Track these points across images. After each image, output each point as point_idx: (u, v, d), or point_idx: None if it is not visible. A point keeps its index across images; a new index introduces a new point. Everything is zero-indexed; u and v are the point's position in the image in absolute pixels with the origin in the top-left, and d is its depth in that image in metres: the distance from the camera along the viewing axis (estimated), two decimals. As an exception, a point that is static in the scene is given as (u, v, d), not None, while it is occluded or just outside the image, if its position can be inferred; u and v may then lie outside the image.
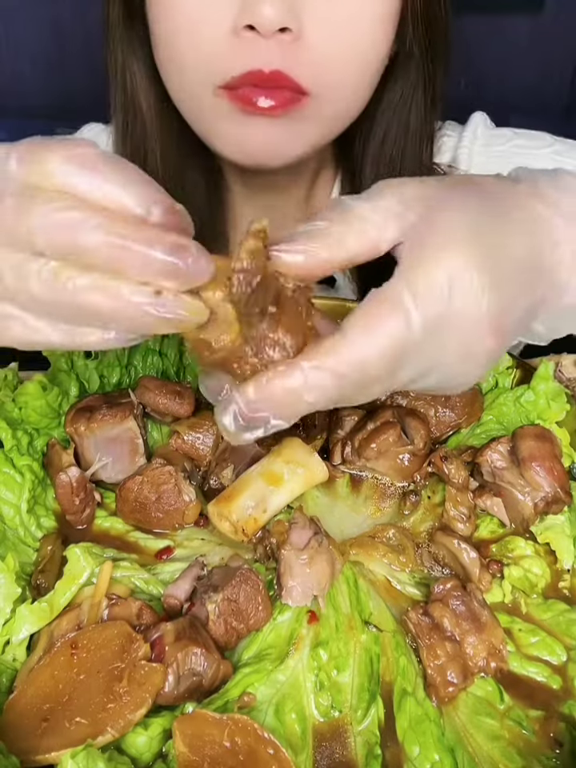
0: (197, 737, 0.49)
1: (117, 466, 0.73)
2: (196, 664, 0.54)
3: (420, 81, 0.90)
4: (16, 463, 0.68)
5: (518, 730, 0.56)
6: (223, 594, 0.58)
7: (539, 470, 0.67)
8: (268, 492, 0.67)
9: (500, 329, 0.51)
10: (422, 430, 0.72)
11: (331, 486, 0.73)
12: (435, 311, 0.48)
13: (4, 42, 1.63)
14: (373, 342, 0.47)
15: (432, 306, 0.48)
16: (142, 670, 0.53)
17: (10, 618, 0.58)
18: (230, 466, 0.72)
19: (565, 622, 0.62)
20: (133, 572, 0.63)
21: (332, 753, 0.54)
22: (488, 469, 0.70)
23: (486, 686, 0.58)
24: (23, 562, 0.64)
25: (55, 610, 0.59)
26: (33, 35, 1.62)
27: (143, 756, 0.51)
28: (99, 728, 0.50)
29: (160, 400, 0.74)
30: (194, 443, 0.74)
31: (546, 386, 0.76)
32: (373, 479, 0.74)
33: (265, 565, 0.65)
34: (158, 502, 0.68)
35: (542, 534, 0.68)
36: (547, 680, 0.59)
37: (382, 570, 0.66)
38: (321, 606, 0.60)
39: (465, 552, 0.63)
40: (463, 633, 0.58)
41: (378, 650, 0.58)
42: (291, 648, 0.58)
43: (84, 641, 0.54)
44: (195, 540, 0.68)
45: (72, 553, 0.62)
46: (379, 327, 0.47)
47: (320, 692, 0.56)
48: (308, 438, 0.75)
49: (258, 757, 0.49)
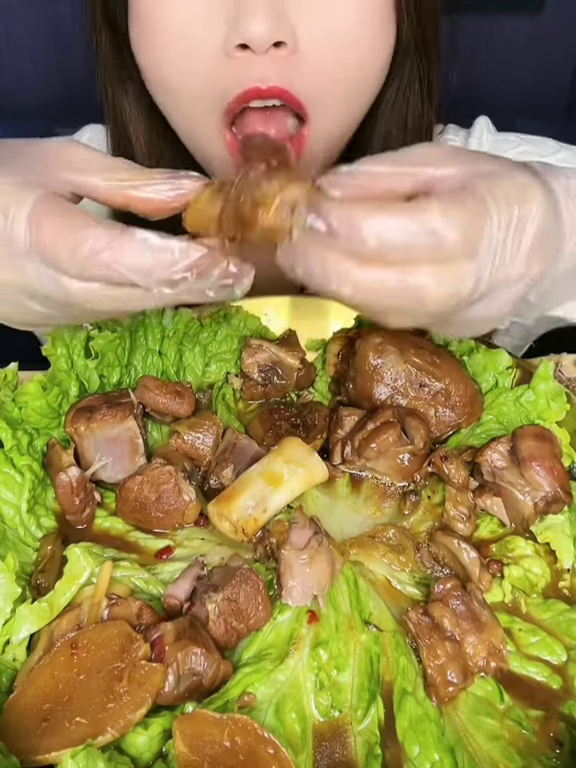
0: (197, 737, 0.49)
1: (117, 465, 0.73)
2: (196, 664, 0.54)
3: (416, 74, 0.89)
4: (16, 463, 0.68)
5: (518, 729, 0.56)
6: (223, 594, 0.58)
7: (539, 469, 0.67)
8: (268, 492, 0.67)
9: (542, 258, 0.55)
10: (422, 430, 0.72)
11: (331, 486, 0.73)
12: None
13: (4, 42, 1.63)
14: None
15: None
16: (141, 669, 0.53)
17: (10, 617, 0.59)
18: (230, 466, 0.72)
19: (565, 622, 0.62)
20: (133, 572, 0.63)
21: (332, 752, 0.54)
22: (488, 469, 0.70)
23: (486, 686, 0.58)
24: (23, 561, 0.65)
25: (55, 610, 0.59)
26: (33, 35, 1.62)
27: (143, 756, 0.51)
28: (99, 728, 0.50)
29: (160, 400, 0.74)
30: (193, 443, 0.74)
31: (546, 385, 0.76)
32: (373, 479, 0.74)
33: (265, 565, 0.65)
34: (157, 502, 0.68)
35: (542, 534, 0.68)
36: (547, 680, 0.59)
37: (382, 569, 0.66)
38: (321, 606, 0.60)
39: (465, 552, 0.63)
40: (463, 633, 0.58)
41: (377, 650, 0.58)
42: (291, 648, 0.58)
43: (84, 641, 0.54)
44: (195, 540, 0.68)
45: (72, 553, 0.62)
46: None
47: (320, 692, 0.56)
48: (308, 438, 0.75)
49: (257, 756, 0.49)
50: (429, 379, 0.76)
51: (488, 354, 0.80)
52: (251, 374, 0.83)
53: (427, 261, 0.50)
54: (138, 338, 0.81)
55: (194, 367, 0.85)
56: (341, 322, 0.87)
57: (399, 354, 0.76)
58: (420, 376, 0.76)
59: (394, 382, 0.76)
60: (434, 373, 0.76)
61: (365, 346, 0.77)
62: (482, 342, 0.82)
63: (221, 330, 0.86)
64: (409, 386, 0.76)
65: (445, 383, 0.76)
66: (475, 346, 0.81)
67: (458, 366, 0.78)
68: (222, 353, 0.86)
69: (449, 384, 0.76)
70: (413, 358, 0.76)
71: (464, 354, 0.81)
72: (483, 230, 0.51)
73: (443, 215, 0.50)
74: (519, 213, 0.53)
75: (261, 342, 0.84)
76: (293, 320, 0.89)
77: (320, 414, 0.79)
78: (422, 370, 0.76)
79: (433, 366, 0.76)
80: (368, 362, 0.77)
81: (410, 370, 0.76)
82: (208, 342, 0.85)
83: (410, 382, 0.76)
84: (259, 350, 0.83)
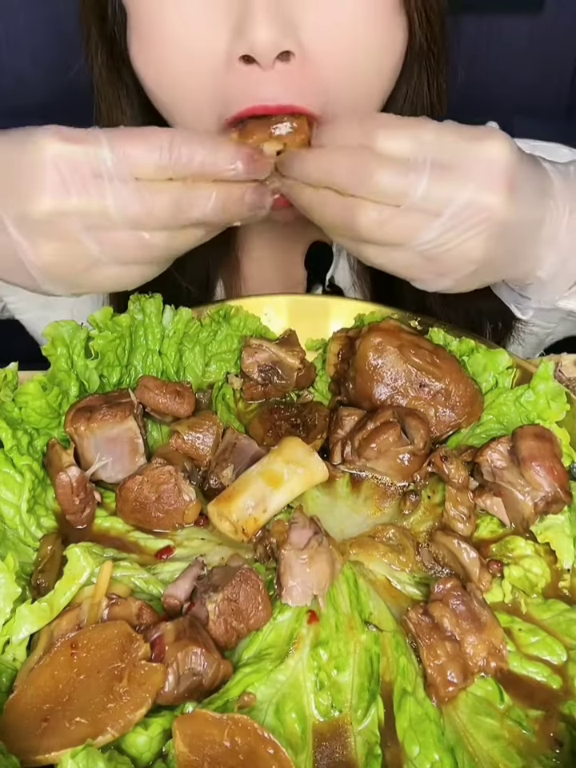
0: (197, 736, 0.49)
1: (117, 465, 0.73)
2: (196, 664, 0.54)
3: (425, 78, 0.87)
4: (16, 463, 0.68)
5: (518, 729, 0.56)
6: (223, 594, 0.58)
7: (539, 469, 0.67)
8: (268, 492, 0.67)
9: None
10: (422, 430, 0.72)
11: (331, 486, 0.74)
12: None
13: (4, 42, 1.63)
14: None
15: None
16: (141, 669, 0.53)
17: (10, 617, 0.59)
18: (230, 466, 0.72)
19: (565, 622, 0.62)
20: (133, 572, 0.63)
21: (332, 752, 0.54)
22: (488, 469, 0.70)
23: (486, 686, 0.58)
24: (23, 561, 0.65)
25: (55, 609, 0.59)
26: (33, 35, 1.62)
27: (143, 756, 0.51)
28: (99, 728, 0.50)
29: (160, 400, 0.74)
30: (193, 443, 0.74)
31: (546, 385, 0.76)
32: (373, 479, 0.74)
33: (265, 565, 0.65)
34: (157, 502, 0.68)
35: (542, 534, 0.68)
36: (547, 680, 0.59)
37: (382, 569, 0.66)
38: (321, 606, 0.60)
39: (465, 552, 0.63)
40: (463, 633, 0.58)
41: (377, 650, 0.58)
42: (291, 648, 0.58)
43: (84, 641, 0.54)
44: (195, 540, 0.68)
45: (72, 553, 0.62)
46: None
47: (320, 692, 0.56)
48: (308, 438, 0.75)
49: (257, 756, 0.49)
50: (429, 379, 0.76)
51: (488, 354, 0.80)
52: (251, 374, 0.83)
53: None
54: (138, 338, 0.81)
55: (194, 367, 0.85)
56: (341, 322, 0.87)
57: (399, 353, 0.76)
58: (420, 376, 0.76)
59: (394, 382, 0.76)
60: (433, 373, 0.76)
61: (365, 345, 0.77)
62: (482, 342, 0.82)
63: (221, 330, 0.86)
64: (409, 386, 0.76)
65: (445, 383, 0.76)
66: (475, 345, 0.81)
67: (457, 365, 0.78)
68: (222, 353, 0.86)
69: (449, 384, 0.76)
70: (413, 358, 0.76)
71: (464, 354, 0.81)
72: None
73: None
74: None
75: (261, 341, 0.84)
76: (293, 320, 0.89)
77: (320, 414, 0.79)
78: (421, 370, 0.76)
79: (433, 365, 0.76)
80: (368, 362, 0.77)
81: (410, 369, 0.76)
82: (208, 341, 0.85)
83: (410, 382, 0.76)
84: (259, 349, 0.83)
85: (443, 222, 0.62)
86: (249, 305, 0.88)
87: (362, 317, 0.86)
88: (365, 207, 0.61)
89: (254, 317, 0.88)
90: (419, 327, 0.84)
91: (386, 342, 0.77)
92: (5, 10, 1.59)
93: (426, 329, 0.83)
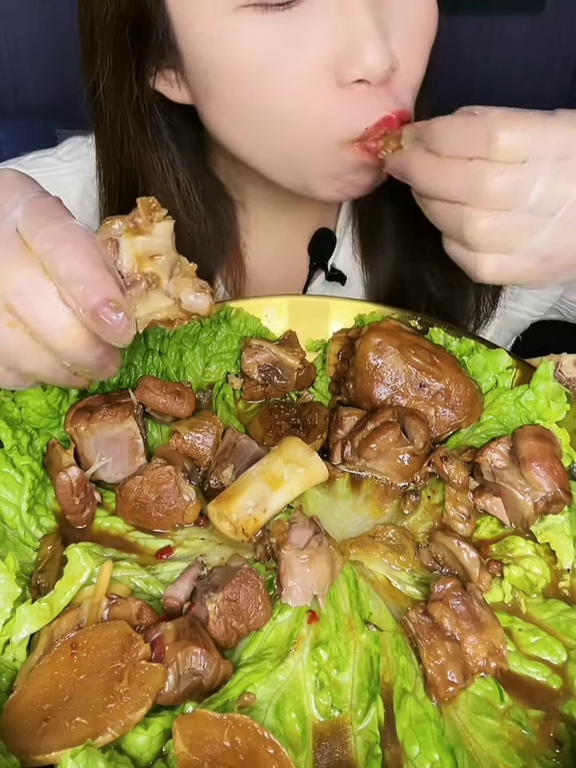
0: (197, 736, 0.49)
1: (117, 465, 0.73)
2: (196, 664, 0.54)
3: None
4: (16, 463, 0.68)
5: (518, 729, 0.56)
6: (223, 594, 0.58)
7: (539, 469, 0.67)
8: (268, 492, 0.67)
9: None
10: (422, 430, 0.72)
11: (331, 486, 0.74)
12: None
13: (4, 42, 1.63)
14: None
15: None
16: (142, 669, 0.53)
17: (10, 617, 0.58)
18: (230, 466, 0.72)
19: (565, 622, 0.62)
20: (133, 572, 0.63)
21: (332, 752, 0.54)
22: (488, 469, 0.70)
23: (486, 686, 0.58)
24: (23, 561, 0.65)
25: (55, 609, 0.59)
26: (33, 35, 1.62)
27: (143, 756, 0.51)
28: (99, 728, 0.50)
29: (160, 400, 0.74)
30: (193, 443, 0.74)
31: (546, 385, 0.76)
32: (373, 479, 0.74)
33: (265, 565, 0.65)
34: (158, 502, 0.68)
35: (542, 534, 0.68)
36: (547, 680, 0.59)
37: (381, 569, 0.66)
38: (321, 606, 0.60)
39: (465, 552, 0.63)
40: (463, 633, 0.58)
41: (377, 650, 0.58)
42: (291, 648, 0.58)
43: (84, 641, 0.54)
44: (195, 540, 0.68)
45: (72, 553, 0.62)
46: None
47: (320, 692, 0.56)
48: (308, 438, 0.75)
49: (257, 756, 0.49)
50: (429, 379, 0.76)
51: (488, 354, 0.80)
52: (251, 374, 0.83)
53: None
54: (137, 338, 0.81)
55: (194, 367, 0.85)
56: (341, 322, 0.87)
57: (399, 353, 0.76)
58: (420, 376, 0.76)
59: (394, 382, 0.76)
60: (433, 373, 0.76)
61: (365, 345, 0.77)
62: (482, 342, 0.82)
63: (221, 331, 0.86)
64: (409, 386, 0.76)
65: (445, 383, 0.76)
66: (475, 345, 0.81)
67: (457, 365, 0.78)
68: (222, 353, 0.86)
69: (449, 384, 0.76)
70: (413, 358, 0.76)
71: (464, 354, 0.81)
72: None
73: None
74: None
75: (261, 342, 0.84)
76: (293, 320, 0.89)
77: (320, 413, 0.79)
78: (421, 370, 0.76)
79: (433, 365, 0.76)
80: (368, 362, 0.77)
81: (410, 369, 0.76)
82: (208, 342, 0.85)
83: (410, 382, 0.76)
84: (259, 350, 0.83)
85: (559, 218, 0.62)
86: (249, 306, 0.88)
87: (362, 317, 0.86)
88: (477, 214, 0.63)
89: (254, 317, 0.88)
90: (419, 327, 0.84)
91: (386, 342, 0.77)
92: (5, 10, 1.59)
93: (426, 329, 0.83)
